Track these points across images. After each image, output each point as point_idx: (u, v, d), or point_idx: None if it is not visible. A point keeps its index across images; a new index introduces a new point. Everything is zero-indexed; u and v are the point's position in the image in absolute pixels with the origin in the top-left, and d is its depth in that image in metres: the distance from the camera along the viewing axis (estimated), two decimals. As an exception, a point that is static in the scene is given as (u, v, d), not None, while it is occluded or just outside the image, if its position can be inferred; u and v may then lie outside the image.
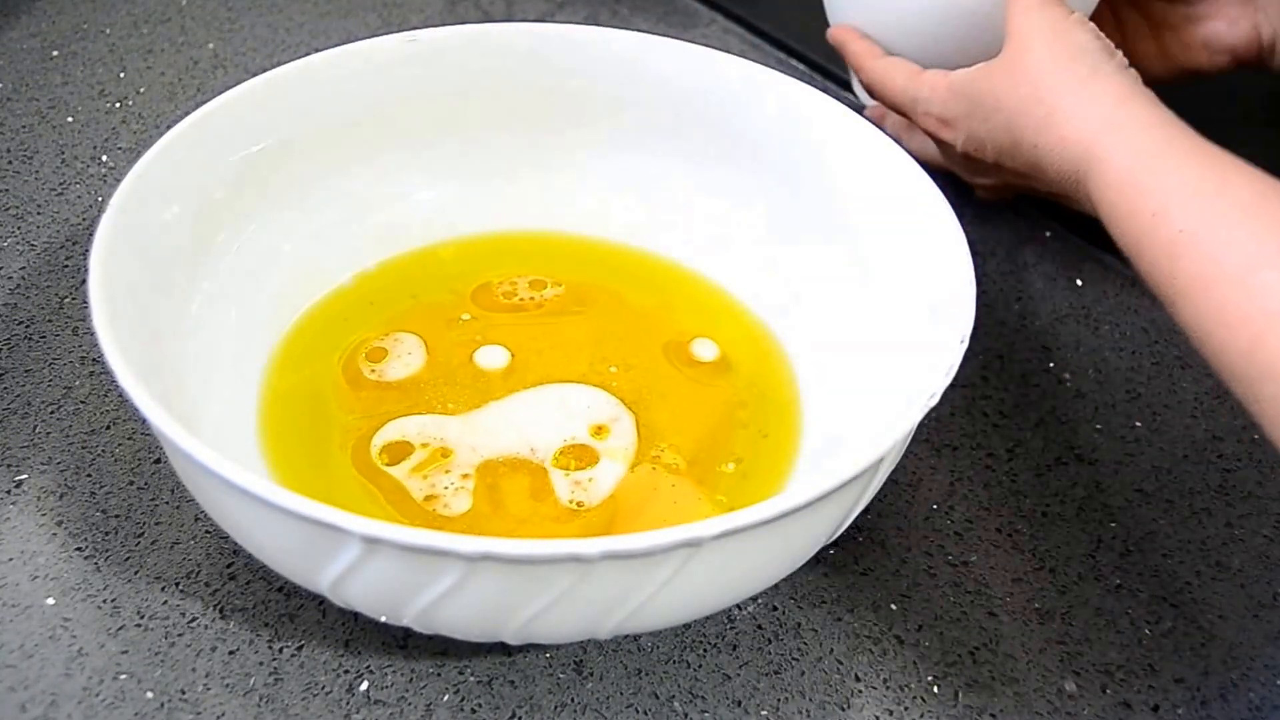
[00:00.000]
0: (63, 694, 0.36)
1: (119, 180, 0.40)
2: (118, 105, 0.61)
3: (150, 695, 0.37)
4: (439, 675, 0.38)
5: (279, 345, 0.46)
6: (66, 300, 0.50)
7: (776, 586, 0.38)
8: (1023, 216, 0.57)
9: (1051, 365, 0.50)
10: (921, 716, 0.37)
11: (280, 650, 0.38)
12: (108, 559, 0.40)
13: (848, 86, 0.63)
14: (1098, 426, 0.47)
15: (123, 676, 0.37)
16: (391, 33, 0.48)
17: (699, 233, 0.50)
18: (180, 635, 0.38)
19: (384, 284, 0.49)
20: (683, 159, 0.50)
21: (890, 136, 0.44)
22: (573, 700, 0.37)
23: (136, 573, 0.40)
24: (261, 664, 0.38)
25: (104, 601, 0.39)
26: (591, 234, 0.51)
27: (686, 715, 0.37)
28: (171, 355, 0.40)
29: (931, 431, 0.46)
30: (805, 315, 0.47)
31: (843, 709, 0.38)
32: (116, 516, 0.41)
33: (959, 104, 0.47)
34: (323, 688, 0.37)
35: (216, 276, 0.44)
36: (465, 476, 0.41)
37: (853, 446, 0.42)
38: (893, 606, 0.40)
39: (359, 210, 0.49)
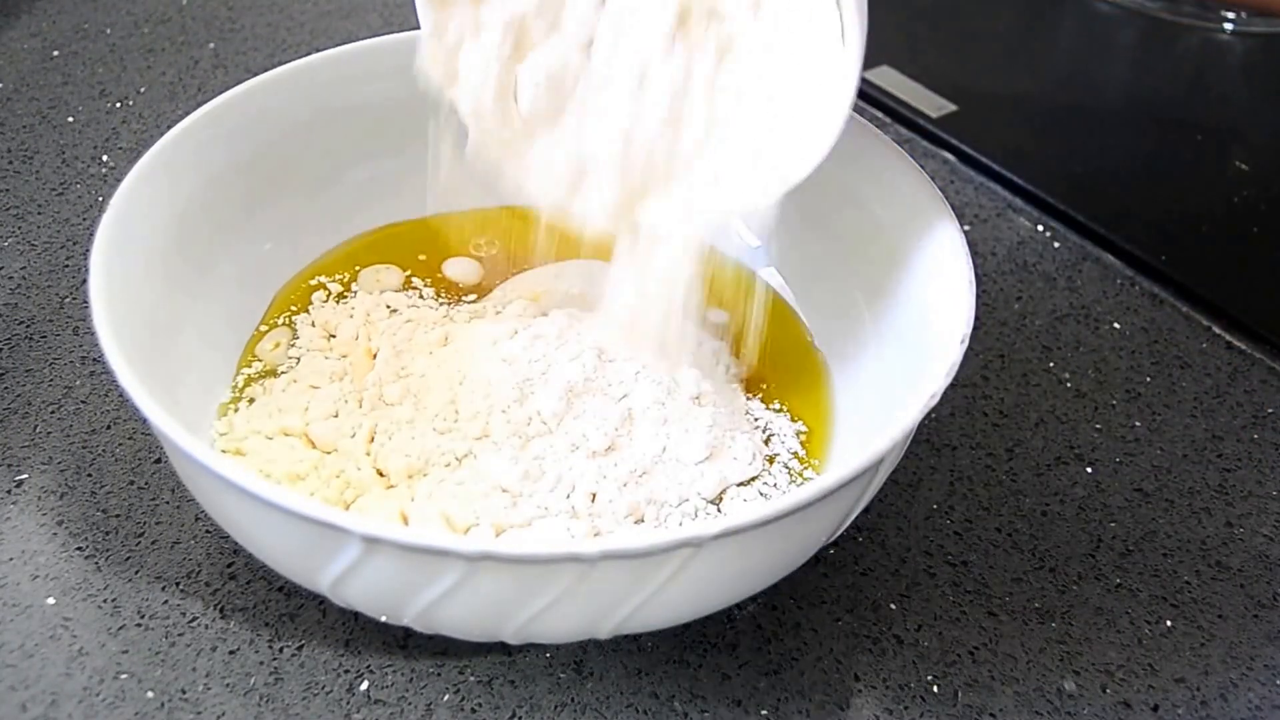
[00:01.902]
0: (63, 693, 0.36)
1: (119, 180, 0.40)
2: (118, 105, 0.61)
3: (151, 695, 0.37)
4: (439, 675, 0.38)
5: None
6: (66, 300, 0.50)
7: (776, 586, 0.38)
8: (1023, 216, 0.57)
9: (1051, 365, 0.50)
10: (921, 716, 0.37)
11: (281, 650, 0.38)
12: (108, 559, 0.40)
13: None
14: (1098, 426, 0.47)
15: (123, 676, 0.37)
16: (392, 33, 0.48)
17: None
18: (181, 635, 0.38)
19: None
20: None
21: None
22: (573, 700, 0.37)
23: (137, 572, 0.40)
24: (262, 663, 0.38)
25: (104, 601, 0.39)
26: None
27: (686, 715, 0.37)
28: (172, 355, 0.40)
29: (931, 431, 0.46)
30: (804, 316, 0.47)
31: (842, 709, 0.38)
32: (117, 516, 0.41)
33: None
34: (323, 687, 0.37)
35: (217, 276, 0.45)
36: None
37: (853, 447, 0.42)
38: (892, 606, 0.40)
39: (360, 211, 0.49)
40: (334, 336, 0.45)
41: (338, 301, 0.46)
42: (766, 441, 0.42)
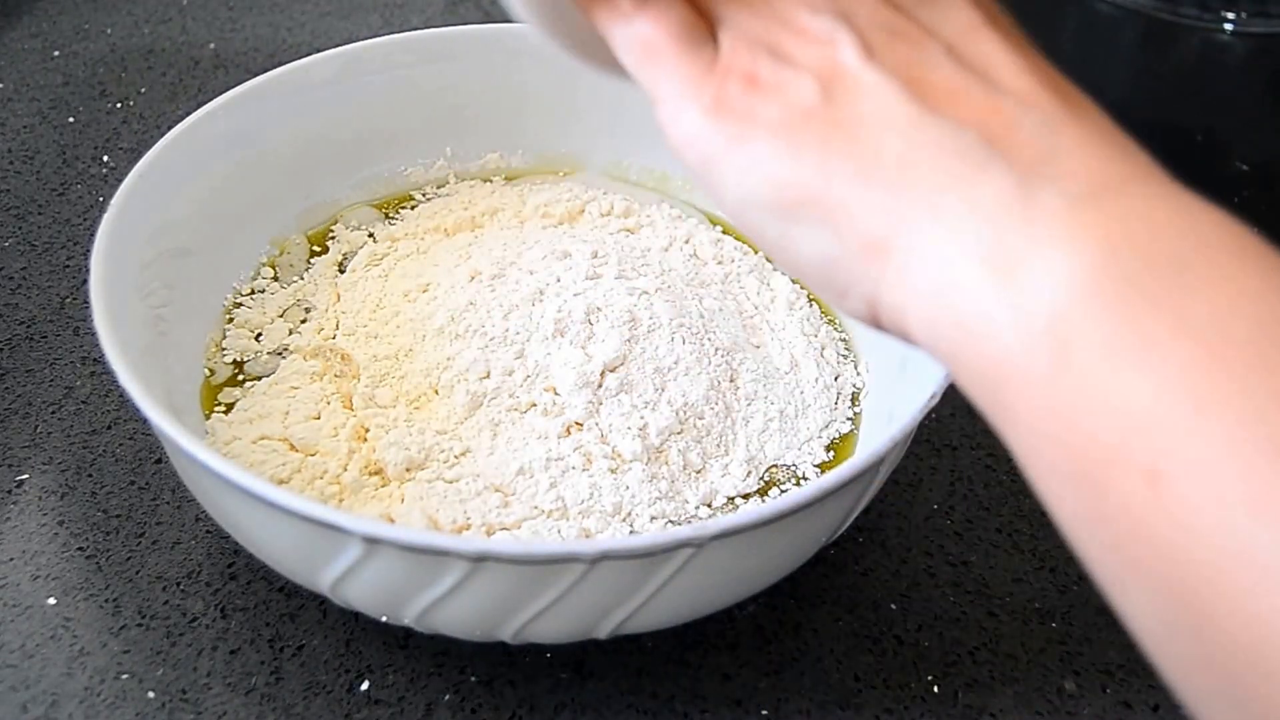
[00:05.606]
0: (64, 693, 0.36)
1: (120, 180, 0.40)
2: (119, 105, 0.61)
3: (152, 695, 0.37)
4: (439, 675, 0.38)
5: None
6: (67, 300, 0.50)
7: (776, 586, 0.38)
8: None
9: (1051, 365, 0.50)
10: (921, 716, 0.37)
11: (281, 650, 0.38)
12: (109, 559, 0.40)
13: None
14: (1098, 426, 0.47)
15: (124, 676, 0.37)
16: (391, 33, 0.48)
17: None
18: (181, 635, 0.38)
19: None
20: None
21: None
22: (573, 700, 0.37)
23: (138, 572, 0.40)
24: (263, 663, 0.38)
25: (105, 601, 0.39)
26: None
27: (686, 715, 0.37)
28: (172, 355, 0.40)
29: (931, 431, 0.46)
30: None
31: (843, 709, 0.38)
32: (118, 516, 0.41)
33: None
34: (324, 687, 0.37)
35: (217, 276, 0.45)
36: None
37: (853, 447, 0.42)
38: (893, 606, 0.40)
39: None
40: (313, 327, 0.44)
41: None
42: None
